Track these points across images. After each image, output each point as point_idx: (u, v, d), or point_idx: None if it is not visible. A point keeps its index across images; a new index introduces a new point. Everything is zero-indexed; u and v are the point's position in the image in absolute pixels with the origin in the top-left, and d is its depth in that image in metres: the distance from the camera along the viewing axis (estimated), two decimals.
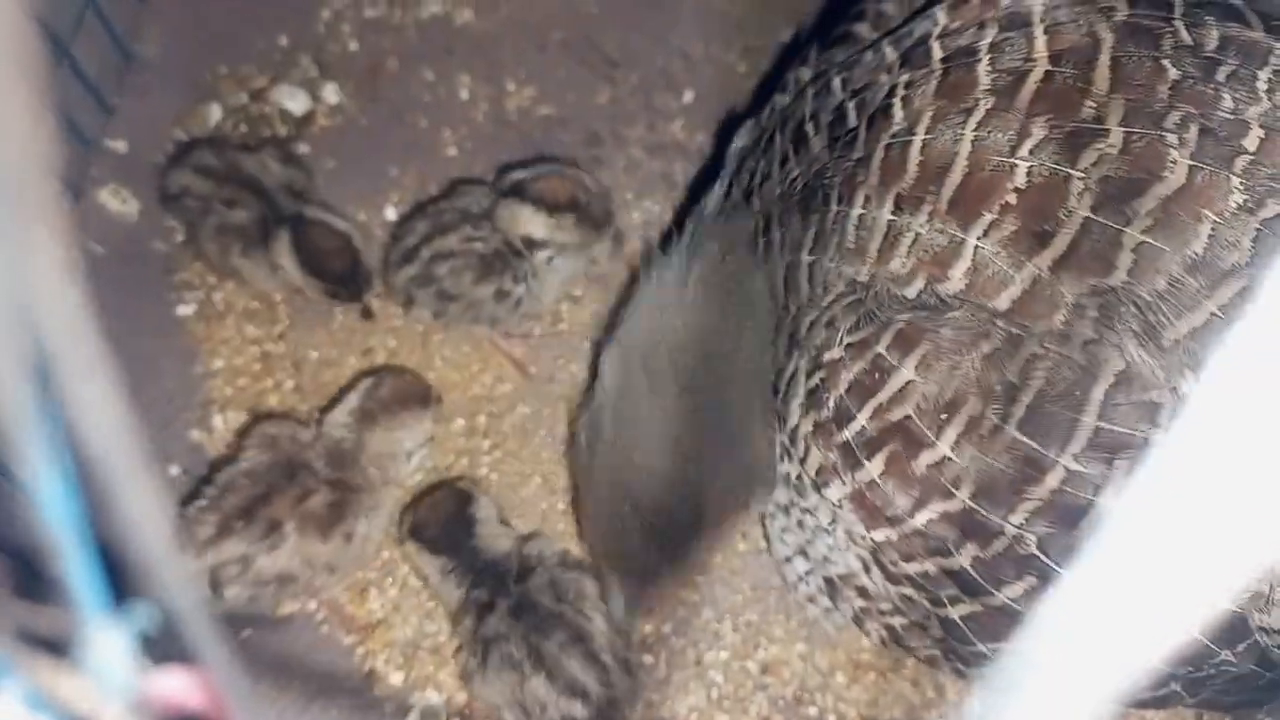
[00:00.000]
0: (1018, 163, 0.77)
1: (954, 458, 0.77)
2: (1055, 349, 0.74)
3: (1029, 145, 0.77)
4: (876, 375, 0.80)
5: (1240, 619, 0.78)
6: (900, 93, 0.84)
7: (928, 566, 0.83)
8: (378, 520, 1.16)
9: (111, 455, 0.22)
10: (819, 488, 0.87)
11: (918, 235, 0.80)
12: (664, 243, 1.12)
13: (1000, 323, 0.76)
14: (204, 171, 1.28)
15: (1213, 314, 0.73)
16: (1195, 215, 0.73)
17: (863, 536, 0.86)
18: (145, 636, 0.24)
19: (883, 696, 1.18)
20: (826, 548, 0.93)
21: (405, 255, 1.27)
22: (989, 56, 0.81)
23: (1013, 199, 0.77)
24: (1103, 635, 0.22)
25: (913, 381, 0.78)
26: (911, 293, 0.80)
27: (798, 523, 0.95)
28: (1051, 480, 0.75)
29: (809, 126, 0.92)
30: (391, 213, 1.38)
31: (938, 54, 0.84)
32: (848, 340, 0.82)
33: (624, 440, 0.99)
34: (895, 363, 0.79)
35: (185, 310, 1.31)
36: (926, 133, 0.81)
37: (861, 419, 0.81)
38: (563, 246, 1.26)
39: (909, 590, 0.87)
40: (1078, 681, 0.22)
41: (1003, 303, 0.76)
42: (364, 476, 1.15)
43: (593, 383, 1.08)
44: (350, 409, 1.17)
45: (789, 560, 1.04)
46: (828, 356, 0.83)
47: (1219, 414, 0.19)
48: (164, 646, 0.25)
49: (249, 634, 1.15)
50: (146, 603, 0.24)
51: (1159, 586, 0.21)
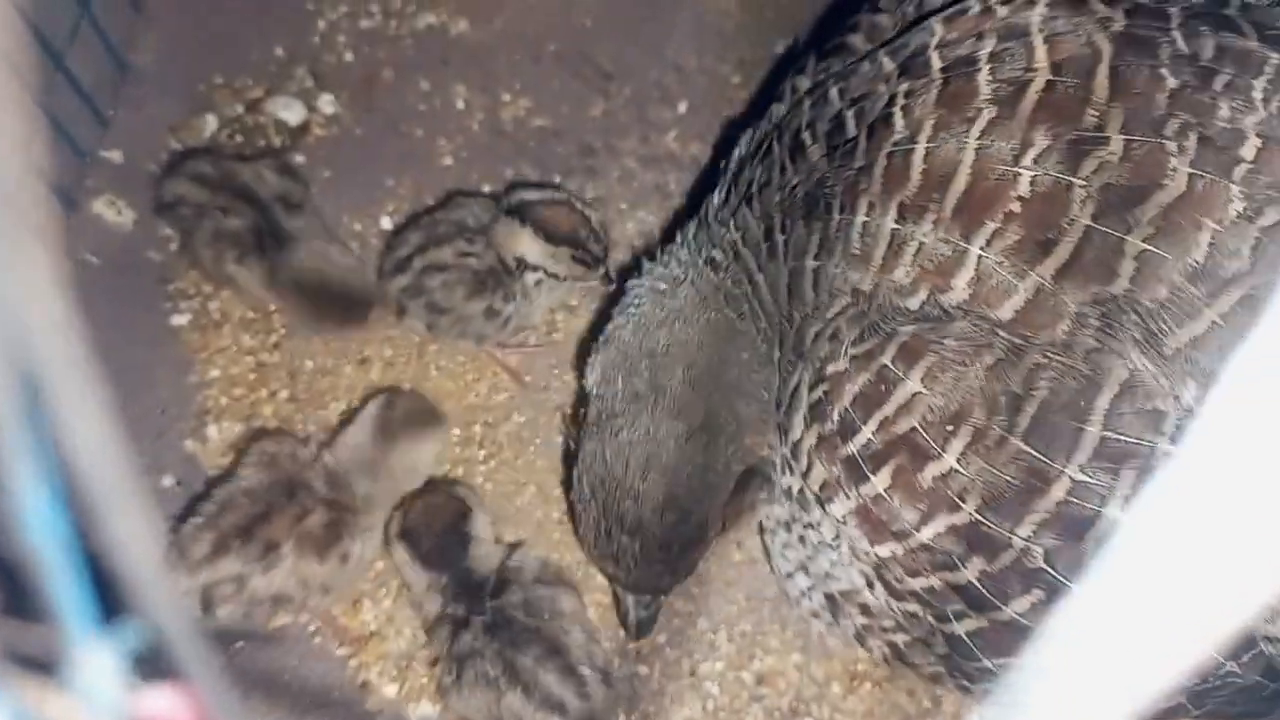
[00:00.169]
0: (1022, 171, 0.77)
1: (960, 470, 0.77)
2: (1058, 359, 0.74)
3: (1033, 154, 0.77)
4: (882, 387, 0.80)
5: (1244, 630, 0.77)
6: (900, 101, 0.85)
7: (933, 581, 0.82)
8: (371, 541, 1.15)
9: (101, 471, 0.22)
10: (823, 503, 0.86)
11: (921, 244, 0.80)
12: (657, 251, 1.11)
13: (1003, 333, 0.76)
14: (199, 180, 1.28)
15: (1214, 322, 0.73)
16: (1196, 223, 0.73)
17: (866, 552, 0.85)
18: (134, 655, 0.24)
19: (879, 707, 1.17)
20: (829, 564, 0.93)
21: (398, 265, 1.27)
22: (989, 66, 0.82)
23: (1017, 208, 0.77)
24: (1110, 649, 0.22)
25: (919, 393, 0.78)
26: (914, 304, 0.80)
27: (799, 539, 0.95)
28: (1058, 491, 0.75)
29: (806, 135, 0.92)
30: (387, 223, 1.38)
31: (937, 64, 0.85)
32: (852, 352, 0.82)
33: (615, 458, 0.99)
34: (901, 374, 0.78)
35: (180, 320, 1.31)
36: (929, 141, 0.81)
37: (867, 432, 0.80)
38: (553, 276, 1.26)
39: (913, 606, 0.86)
40: (1084, 695, 0.22)
41: (1006, 313, 0.76)
42: (364, 498, 1.13)
43: (582, 392, 1.08)
44: (369, 427, 1.15)
45: (790, 576, 1.04)
46: (831, 369, 0.83)
47: (1225, 426, 0.19)
48: (153, 664, 0.25)
49: (241, 646, 1.15)
50: (135, 621, 0.23)
51: (1166, 600, 0.21)
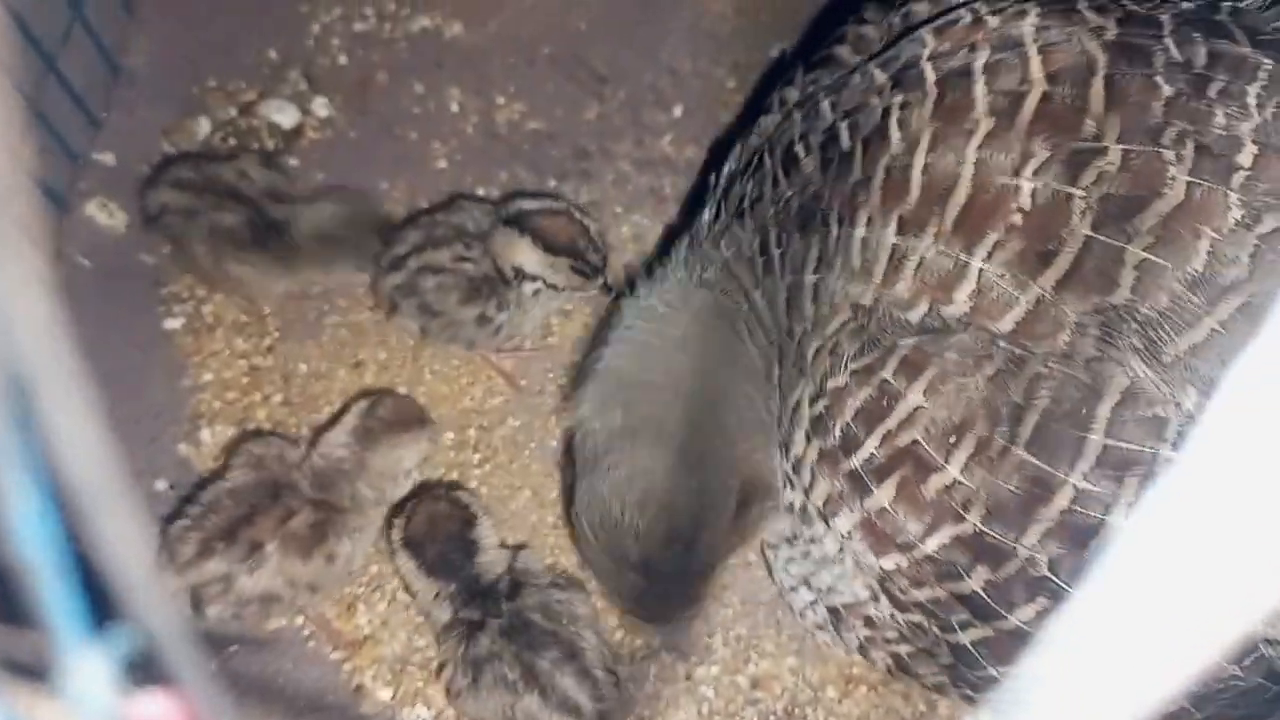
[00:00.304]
0: (1022, 183, 0.77)
1: (964, 481, 0.77)
2: (1059, 368, 0.75)
3: (1033, 165, 0.77)
4: (884, 402, 0.80)
5: (1246, 632, 0.77)
6: (896, 114, 0.84)
7: (938, 592, 0.82)
8: (362, 541, 1.15)
9: (91, 475, 0.22)
10: (826, 518, 0.86)
11: (923, 258, 0.80)
12: (650, 264, 1.11)
13: (1003, 344, 0.76)
14: (182, 186, 1.28)
15: (1213, 330, 0.73)
16: (1195, 232, 0.73)
17: (871, 565, 0.85)
18: (126, 660, 0.23)
19: (874, 711, 1.17)
20: (833, 578, 0.93)
21: (393, 263, 1.27)
22: (984, 78, 0.82)
23: (1018, 220, 0.77)
24: (1112, 656, 0.22)
25: (921, 407, 0.78)
26: (915, 316, 0.80)
27: (803, 554, 0.95)
28: (1061, 500, 0.75)
29: (799, 148, 0.92)
30: None
31: (931, 75, 0.85)
32: (852, 367, 0.82)
33: (611, 496, 0.99)
34: (902, 388, 0.79)
35: (173, 323, 1.30)
36: (928, 154, 0.81)
37: (870, 445, 0.80)
38: (552, 286, 1.26)
39: (918, 617, 0.86)
40: (1086, 702, 0.22)
41: (1006, 324, 0.76)
42: (352, 497, 1.13)
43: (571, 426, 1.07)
44: (350, 429, 1.15)
45: (793, 590, 1.03)
46: (832, 384, 0.83)
47: (1226, 434, 0.19)
48: (145, 669, 0.24)
49: (235, 650, 1.14)
50: (127, 626, 0.23)
51: (1168, 606, 0.21)
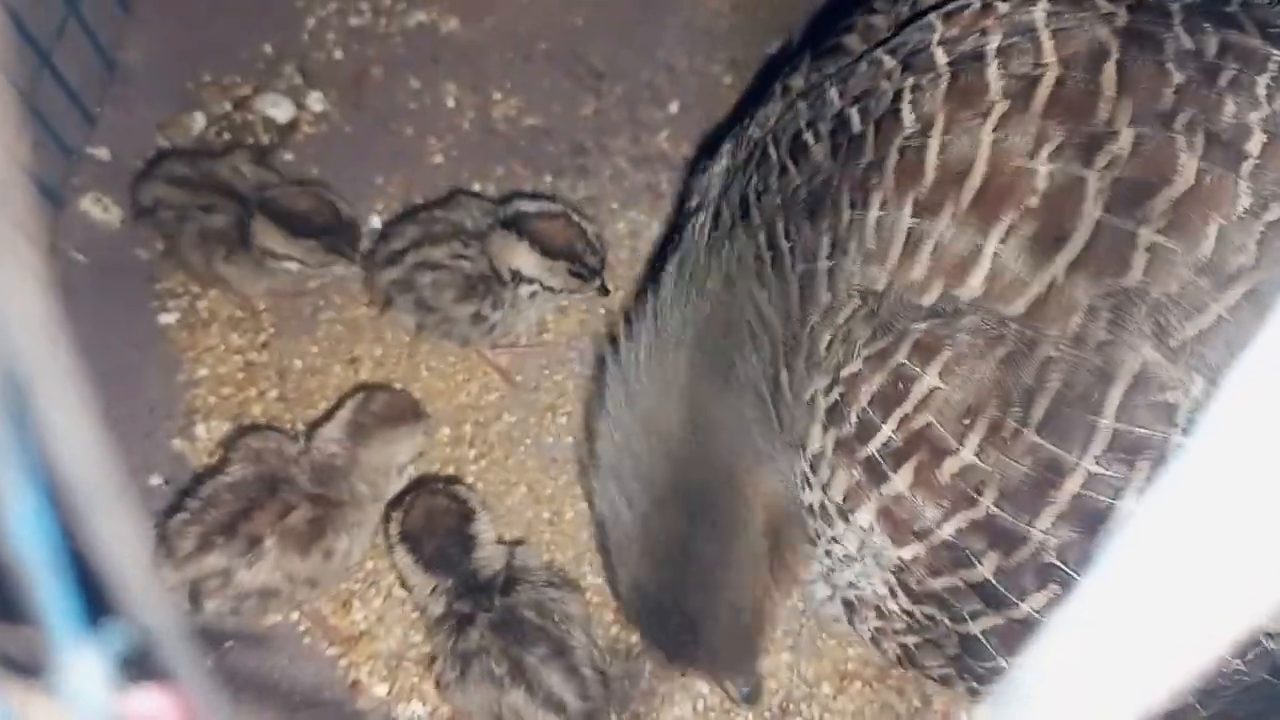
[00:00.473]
0: (1038, 166, 0.77)
1: (978, 463, 0.77)
2: (1071, 351, 0.75)
3: (1048, 149, 0.77)
4: (900, 385, 0.79)
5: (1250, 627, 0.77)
6: (908, 96, 0.84)
7: (954, 580, 0.82)
8: (360, 536, 1.15)
9: (86, 471, 0.21)
10: (846, 514, 0.86)
11: (939, 241, 0.80)
12: (652, 266, 1.10)
13: (1014, 326, 0.76)
14: (176, 181, 1.28)
15: (1220, 317, 0.73)
16: (1204, 218, 0.74)
17: (890, 559, 0.85)
18: (121, 656, 0.23)
19: (869, 706, 1.18)
20: (854, 575, 0.92)
21: (390, 258, 1.26)
22: (998, 61, 0.82)
23: (1034, 202, 0.77)
24: (1117, 648, 0.21)
25: (937, 388, 0.78)
26: (928, 300, 0.80)
27: (825, 552, 0.94)
28: (1073, 484, 0.75)
29: (808, 136, 0.91)
30: (376, 221, 1.37)
31: (942, 58, 0.84)
32: (865, 353, 0.81)
33: (647, 579, 0.99)
34: (918, 371, 0.78)
35: (168, 319, 1.30)
36: (943, 135, 0.81)
37: (887, 430, 0.80)
38: (549, 289, 1.26)
39: (931, 609, 0.86)
40: (1090, 695, 0.22)
41: (1019, 307, 0.76)
42: (350, 492, 1.13)
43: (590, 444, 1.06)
44: (343, 424, 1.15)
45: (811, 583, 1.03)
46: (846, 371, 0.82)
47: (1232, 424, 0.19)
48: (141, 666, 0.24)
49: (231, 646, 1.14)
50: (122, 622, 0.23)
51: (1175, 599, 0.21)
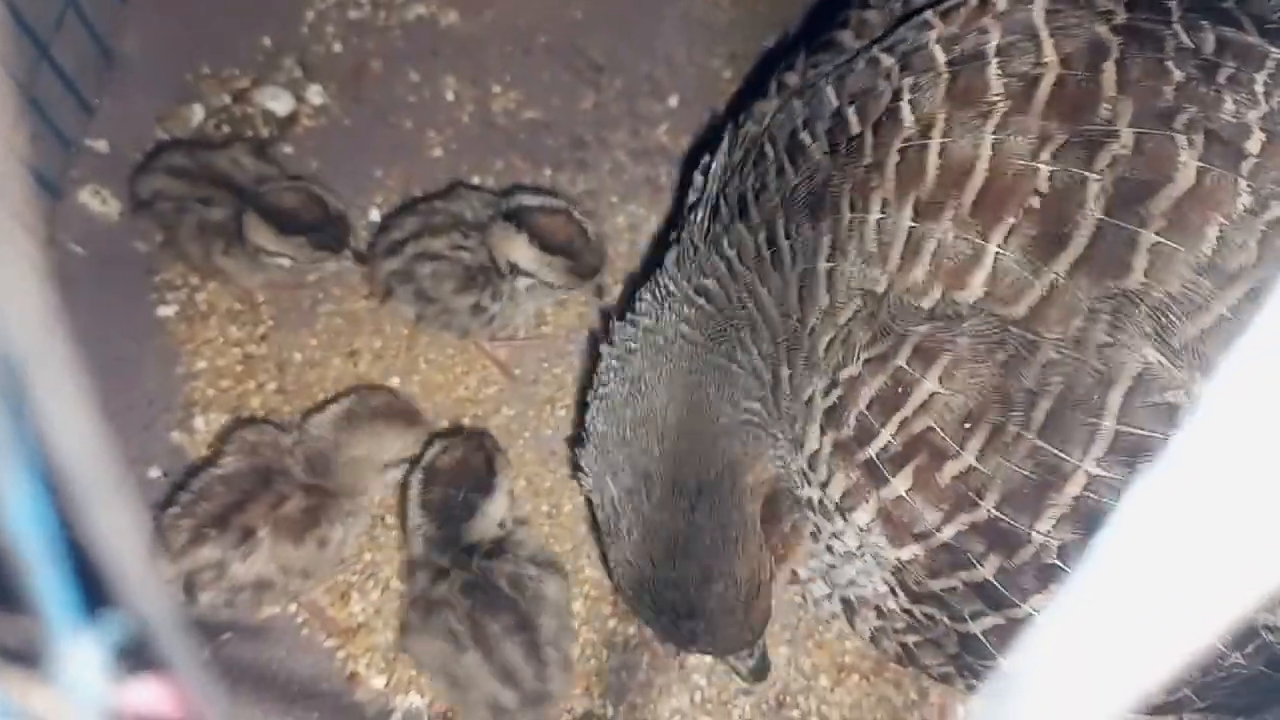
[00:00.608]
0: (1040, 166, 0.77)
1: (979, 467, 0.77)
2: (1071, 354, 0.74)
3: (1051, 149, 0.77)
4: (899, 389, 0.79)
5: (1247, 620, 0.76)
6: (907, 96, 0.84)
7: (954, 581, 0.82)
8: (354, 526, 1.15)
9: (84, 462, 0.22)
10: (844, 512, 0.86)
11: (940, 242, 0.79)
12: (622, 309, 1.09)
13: (1015, 329, 0.76)
14: (175, 173, 1.27)
15: (1221, 316, 0.73)
16: (1204, 217, 0.73)
17: (888, 559, 0.85)
18: (119, 647, 0.23)
19: (866, 699, 1.18)
20: (855, 572, 0.92)
21: (390, 248, 1.26)
22: (998, 60, 0.81)
23: (1035, 203, 0.76)
24: (1115, 641, 0.22)
25: (936, 393, 0.77)
26: (928, 303, 0.80)
27: (826, 548, 0.94)
28: (1074, 486, 0.75)
29: (805, 135, 0.91)
30: (376, 214, 1.37)
31: (941, 57, 0.84)
32: (865, 356, 0.81)
33: (639, 557, 0.99)
34: (918, 375, 0.78)
35: (167, 311, 1.30)
36: (943, 136, 0.81)
37: (886, 434, 0.80)
38: (546, 284, 1.25)
39: (931, 608, 0.86)
40: (1087, 689, 0.22)
41: (1020, 310, 0.76)
42: (341, 482, 1.14)
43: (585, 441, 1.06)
44: (335, 413, 1.16)
45: (808, 582, 1.03)
46: (845, 374, 0.82)
47: (1230, 418, 0.19)
48: (138, 656, 0.25)
49: (229, 638, 1.14)
50: (120, 613, 0.23)
51: (1172, 592, 0.21)
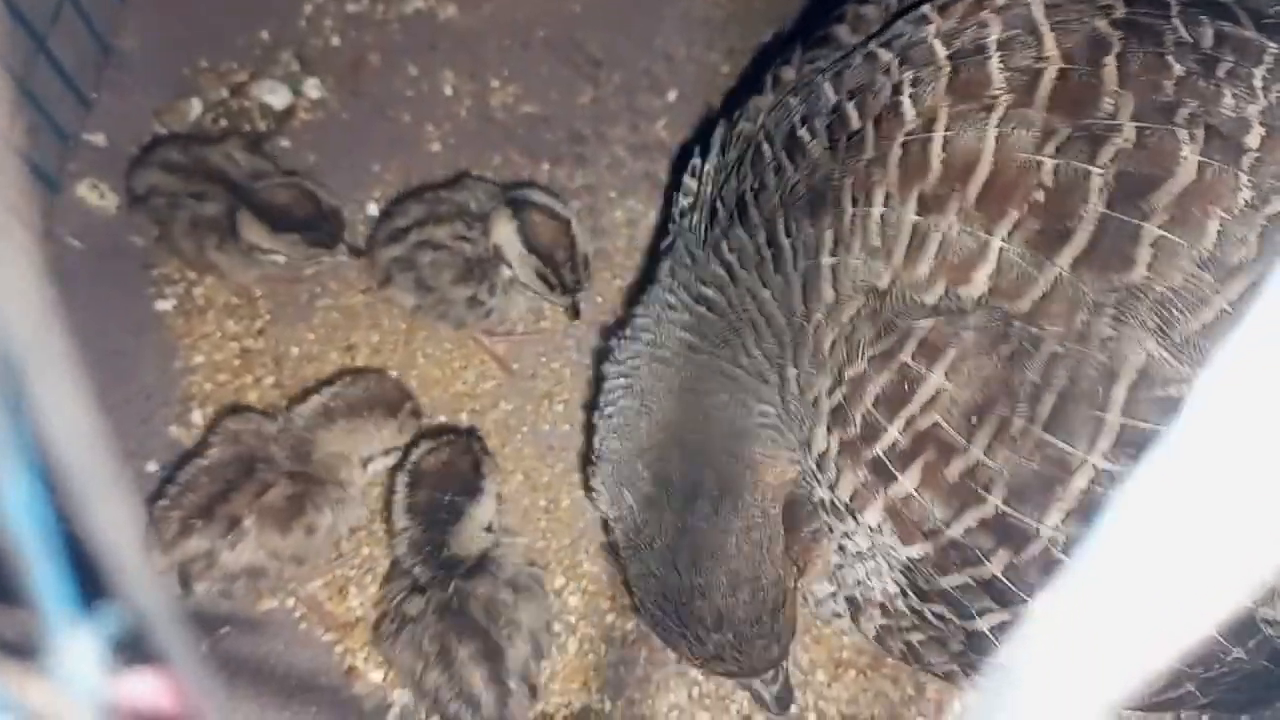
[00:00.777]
0: (1044, 160, 0.77)
1: (987, 462, 0.76)
2: (1075, 347, 0.74)
3: (1054, 143, 0.77)
4: (905, 386, 0.79)
5: (1249, 614, 0.78)
6: (907, 90, 0.83)
7: (963, 578, 0.82)
8: (345, 513, 1.15)
9: (81, 457, 0.22)
10: (854, 512, 0.85)
11: (945, 237, 0.79)
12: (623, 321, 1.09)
13: (1019, 324, 0.76)
14: (170, 168, 1.27)
15: (1223, 310, 0.73)
16: (1206, 211, 0.73)
17: (898, 558, 0.85)
18: (115, 640, 0.24)
19: (863, 694, 1.18)
20: (865, 572, 0.92)
21: (392, 235, 1.26)
22: (999, 54, 0.81)
23: (1040, 196, 0.76)
24: (1114, 636, 0.22)
25: (943, 388, 0.77)
26: (931, 298, 0.79)
27: (838, 547, 0.94)
28: (1081, 480, 0.75)
29: (803, 132, 0.90)
30: (373, 208, 1.37)
31: (941, 51, 0.84)
32: (869, 353, 0.81)
33: (662, 567, 0.97)
34: (923, 370, 0.78)
35: (164, 305, 1.30)
36: (946, 130, 0.80)
37: (893, 431, 0.80)
38: (520, 281, 1.25)
39: (940, 606, 0.86)
40: (1088, 683, 0.22)
41: (1024, 304, 0.76)
42: (323, 472, 1.14)
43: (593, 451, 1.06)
44: (318, 403, 1.16)
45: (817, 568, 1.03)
46: (850, 372, 0.82)
47: (1228, 411, 0.19)
48: (134, 649, 0.25)
49: (227, 632, 1.15)
50: (116, 606, 0.23)
51: (1172, 585, 0.21)
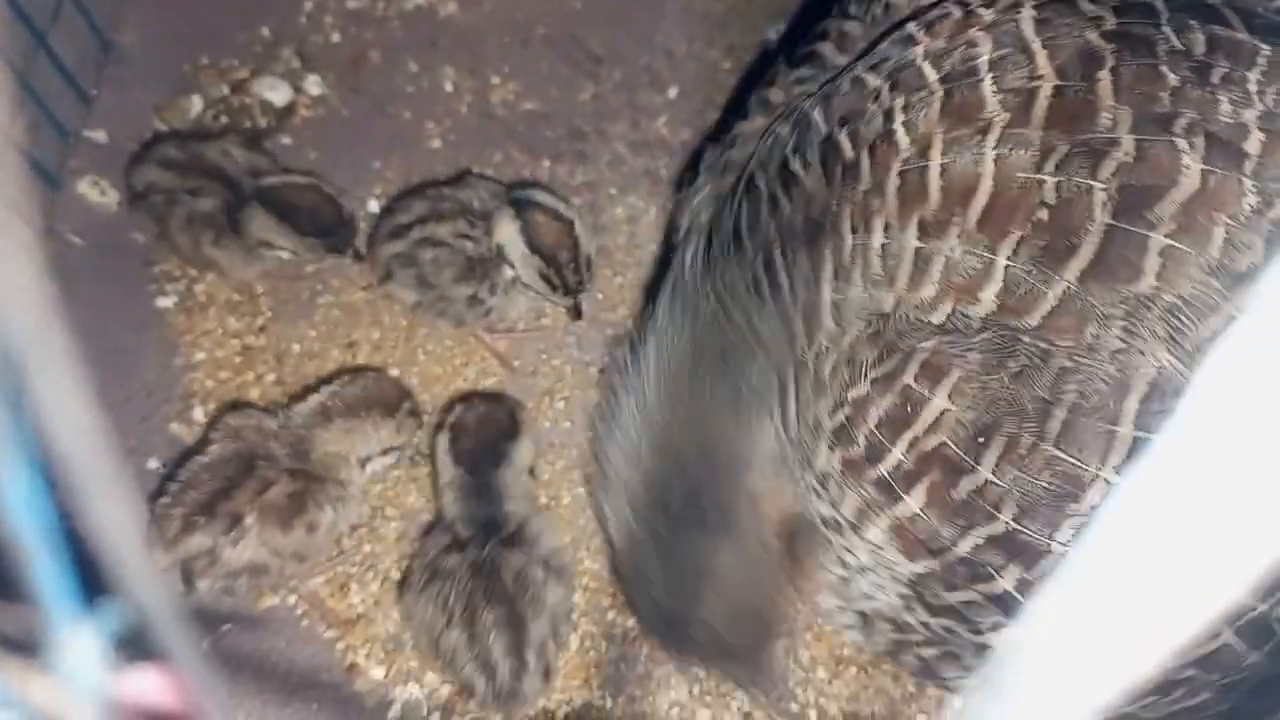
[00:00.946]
0: (1045, 179, 0.77)
1: (995, 480, 0.76)
2: (1084, 361, 0.74)
3: (1054, 160, 0.77)
4: (908, 408, 0.78)
5: (1264, 618, 0.77)
6: (900, 117, 0.83)
7: (971, 595, 0.82)
8: (345, 510, 1.15)
9: (83, 454, 0.22)
10: (857, 529, 0.85)
11: (948, 259, 0.79)
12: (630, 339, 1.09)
13: (1027, 339, 0.76)
14: (167, 164, 1.27)
15: (1232, 316, 0.72)
16: (1212, 218, 0.73)
17: (903, 573, 0.85)
18: (117, 636, 0.24)
19: (864, 691, 1.18)
20: (868, 585, 0.92)
21: (394, 231, 1.26)
22: (991, 75, 0.80)
23: (1044, 215, 0.76)
24: (1105, 637, 0.22)
25: (947, 410, 0.77)
26: (938, 318, 0.79)
27: (840, 561, 0.94)
28: (1094, 495, 0.74)
29: (796, 164, 0.89)
30: (374, 205, 1.37)
31: (932, 75, 0.83)
32: (872, 375, 0.81)
33: (669, 597, 0.99)
34: (926, 393, 0.78)
35: (166, 302, 1.30)
36: (943, 156, 0.80)
37: (897, 453, 0.79)
38: (522, 281, 1.25)
39: (949, 621, 0.86)
40: (1095, 689, 0.22)
41: (1033, 320, 0.76)
42: (323, 471, 1.14)
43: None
44: (315, 402, 1.16)
45: (819, 594, 1.02)
46: (853, 394, 0.82)
47: (1232, 413, 0.19)
48: (136, 646, 0.25)
49: (229, 629, 1.15)
50: (117, 602, 0.23)
51: (1174, 587, 0.21)
